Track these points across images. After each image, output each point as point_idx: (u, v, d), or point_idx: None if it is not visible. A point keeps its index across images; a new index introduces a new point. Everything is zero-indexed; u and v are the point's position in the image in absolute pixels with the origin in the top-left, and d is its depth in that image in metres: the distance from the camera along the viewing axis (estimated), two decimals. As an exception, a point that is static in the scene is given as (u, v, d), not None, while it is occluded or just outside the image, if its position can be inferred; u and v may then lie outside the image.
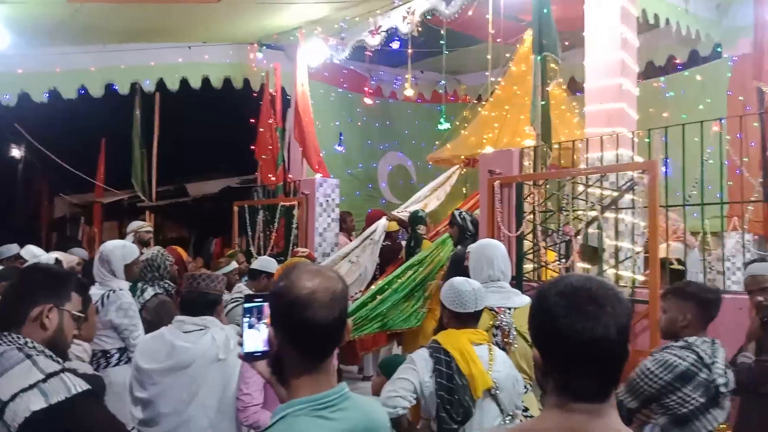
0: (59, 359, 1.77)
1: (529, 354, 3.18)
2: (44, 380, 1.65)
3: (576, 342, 1.20)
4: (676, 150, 4.46)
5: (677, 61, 7.23)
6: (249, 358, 1.40)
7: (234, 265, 5.09)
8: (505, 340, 3.09)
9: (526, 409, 3.02)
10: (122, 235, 7.16)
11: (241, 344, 1.40)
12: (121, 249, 3.84)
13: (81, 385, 1.70)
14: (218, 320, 2.84)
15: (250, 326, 1.40)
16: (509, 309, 3.16)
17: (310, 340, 1.30)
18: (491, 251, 3.33)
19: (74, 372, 1.75)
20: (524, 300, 3.26)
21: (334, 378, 1.36)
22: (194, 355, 2.68)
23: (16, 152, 14.01)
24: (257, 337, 1.39)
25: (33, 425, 1.58)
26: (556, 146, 5.29)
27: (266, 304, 1.41)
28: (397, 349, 6.05)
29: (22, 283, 1.87)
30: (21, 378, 1.64)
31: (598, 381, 1.22)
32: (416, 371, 2.56)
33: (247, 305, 1.42)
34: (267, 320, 1.39)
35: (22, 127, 11.32)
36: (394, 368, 2.71)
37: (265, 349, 1.39)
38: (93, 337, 2.99)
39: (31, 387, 1.62)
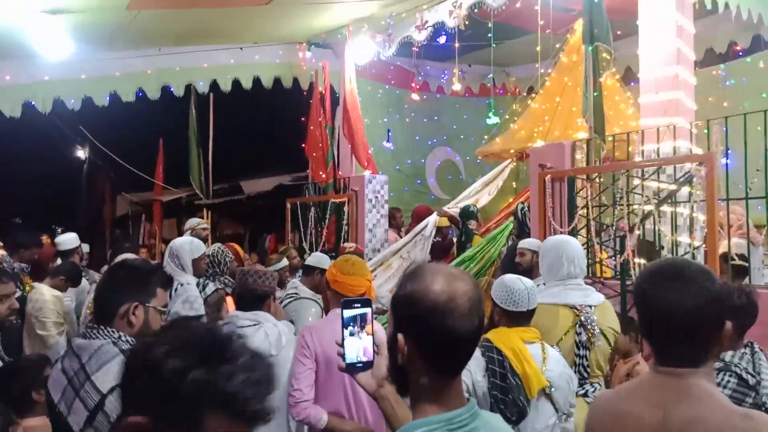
0: None
1: (608, 352, 3.14)
2: None
3: (658, 311, 1.38)
4: (738, 141, 4.29)
5: (738, 48, 6.92)
6: (350, 369, 1.31)
7: (285, 262, 5.20)
8: (590, 338, 3.03)
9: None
10: (181, 232, 7.42)
11: (341, 355, 1.31)
12: (189, 244, 4.07)
13: None
14: (269, 314, 2.93)
15: (352, 335, 1.30)
16: (590, 306, 3.09)
17: (446, 352, 1.17)
18: (570, 248, 3.21)
19: None
20: (601, 298, 3.19)
21: (462, 393, 1.25)
22: None
23: (80, 154, 14.69)
24: (358, 347, 1.30)
25: None
26: (609, 139, 5.17)
27: (368, 311, 1.32)
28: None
29: (110, 281, 2.02)
30: (117, 372, 1.77)
31: (682, 347, 1.37)
32: (469, 371, 2.56)
33: (347, 313, 1.31)
34: (369, 328, 1.31)
35: (86, 129, 11.84)
36: None
37: (368, 359, 1.31)
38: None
39: None
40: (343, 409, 2.74)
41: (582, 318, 3.03)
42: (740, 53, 6.99)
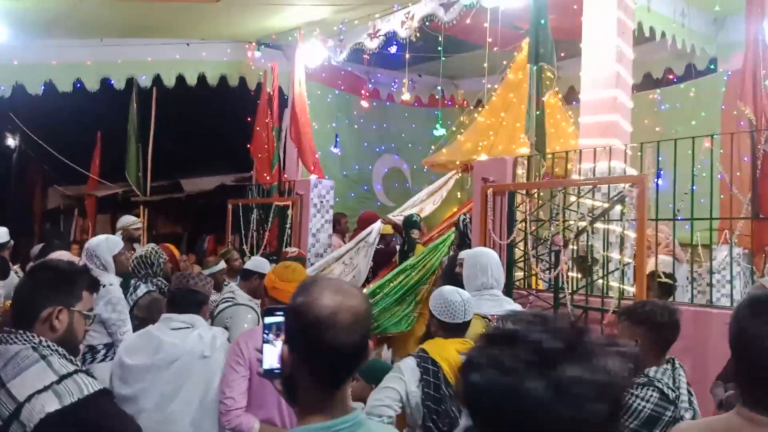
0: (72, 357, 1.80)
1: None
2: (58, 382, 1.67)
3: (761, 352, 1.19)
4: (669, 164, 4.51)
5: (673, 75, 7.29)
6: (268, 375, 1.32)
7: (222, 265, 5.09)
8: None
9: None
10: (115, 229, 7.15)
11: (260, 360, 1.34)
12: (105, 242, 3.91)
13: (93, 386, 1.72)
14: (203, 320, 2.86)
15: (268, 342, 1.32)
16: None
17: (326, 365, 1.20)
18: (485, 259, 3.37)
19: (87, 372, 1.77)
20: (516, 309, 3.30)
21: (350, 401, 1.27)
22: (181, 351, 2.69)
23: (10, 142, 13.92)
24: (275, 354, 1.31)
25: (48, 426, 1.61)
26: (549, 156, 5.33)
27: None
28: (387, 353, 6.07)
29: (32, 283, 1.88)
30: (36, 379, 1.67)
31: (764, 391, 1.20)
32: (403, 381, 2.58)
33: (268, 320, 1.33)
34: (283, 336, 1.31)
35: (17, 117, 11.25)
36: (373, 373, 2.74)
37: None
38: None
39: (45, 389, 1.65)
40: (276, 417, 2.69)
41: (490, 328, 3.13)
42: (675, 80, 7.35)
